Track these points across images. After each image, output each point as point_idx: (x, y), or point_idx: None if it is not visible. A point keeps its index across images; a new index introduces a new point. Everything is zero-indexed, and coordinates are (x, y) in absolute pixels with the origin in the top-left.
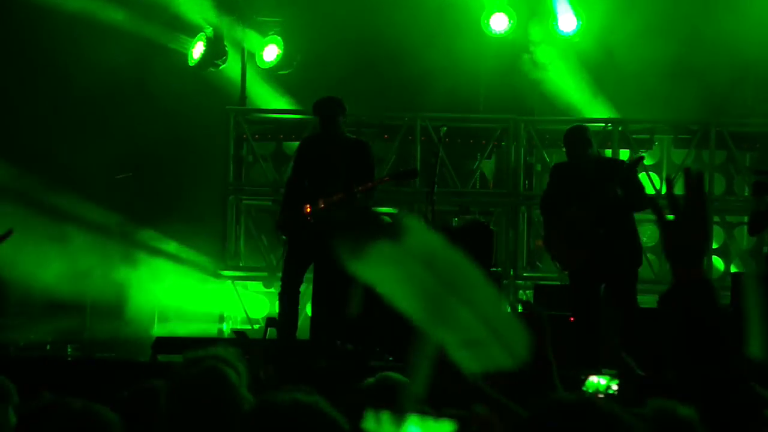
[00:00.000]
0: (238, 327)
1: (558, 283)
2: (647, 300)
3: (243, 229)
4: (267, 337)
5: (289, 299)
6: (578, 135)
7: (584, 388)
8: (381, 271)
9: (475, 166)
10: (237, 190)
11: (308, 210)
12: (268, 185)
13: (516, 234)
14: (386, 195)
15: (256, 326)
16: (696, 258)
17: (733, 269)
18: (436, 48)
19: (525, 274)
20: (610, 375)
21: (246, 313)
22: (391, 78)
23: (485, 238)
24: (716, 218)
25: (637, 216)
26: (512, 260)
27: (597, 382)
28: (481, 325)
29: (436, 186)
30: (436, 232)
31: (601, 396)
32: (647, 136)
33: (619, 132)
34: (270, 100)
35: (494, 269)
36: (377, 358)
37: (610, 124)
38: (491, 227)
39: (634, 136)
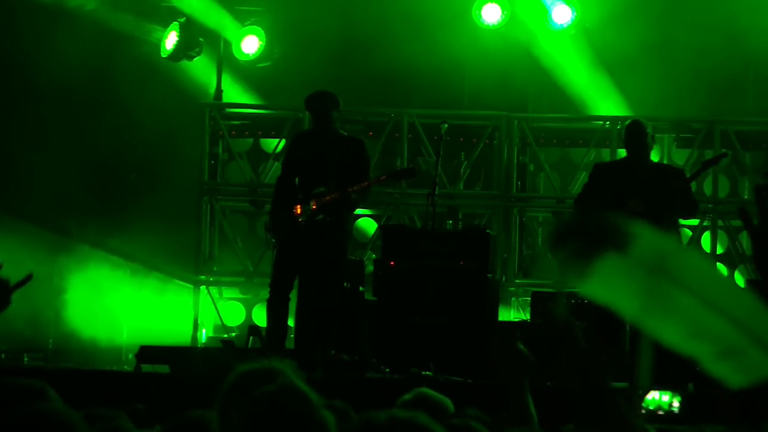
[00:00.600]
0: (211, 335)
1: (554, 290)
2: None
3: (218, 232)
4: (249, 346)
5: (278, 306)
6: (642, 136)
7: (644, 405)
8: (612, 284)
9: (463, 166)
10: (212, 190)
11: (299, 211)
12: (244, 185)
13: (508, 238)
14: (376, 196)
15: (232, 334)
16: None
17: (737, 276)
18: (423, 41)
19: (517, 281)
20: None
21: (221, 321)
22: (375, 72)
23: (483, 243)
24: (720, 222)
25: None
26: (504, 266)
27: (659, 398)
28: (740, 332)
29: (437, 187)
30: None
31: (662, 413)
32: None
33: (617, 130)
34: (247, 94)
35: (491, 275)
36: (374, 369)
37: (608, 122)
38: (488, 231)
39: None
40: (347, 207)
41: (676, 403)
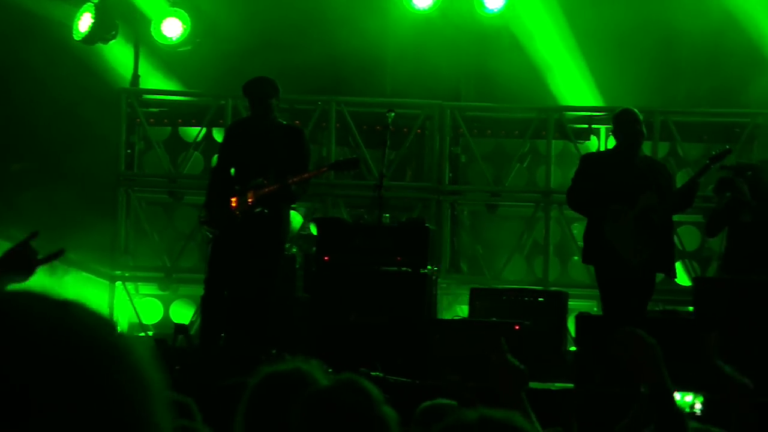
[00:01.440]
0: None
1: (496, 286)
2: None
3: (134, 225)
4: (177, 344)
5: (213, 303)
6: (637, 125)
7: None
8: None
9: (392, 157)
10: (128, 180)
11: (235, 204)
12: (163, 176)
13: (439, 232)
14: (313, 188)
15: (150, 333)
16: None
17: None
18: (351, 28)
19: (456, 276)
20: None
21: (138, 318)
22: (301, 59)
23: (421, 238)
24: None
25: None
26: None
27: (681, 399)
28: None
29: (385, 178)
30: None
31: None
32: (585, 126)
33: (555, 121)
34: (166, 80)
35: (429, 269)
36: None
37: (542, 113)
38: (427, 225)
39: (570, 126)
40: (287, 199)
41: (698, 405)
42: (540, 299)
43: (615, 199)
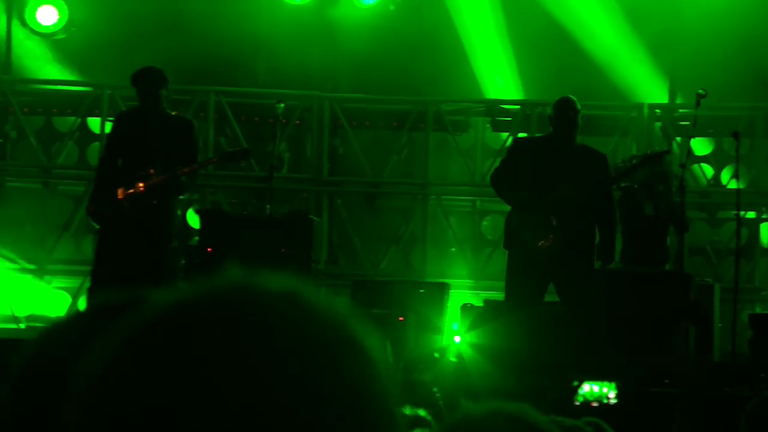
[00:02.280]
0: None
1: (378, 279)
2: None
3: (7, 215)
4: None
5: (100, 295)
6: (572, 113)
7: (577, 397)
8: None
9: (270, 148)
10: (1, 170)
11: (122, 195)
12: (36, 166)
13: (318, 224)
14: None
15: (22, 325)
16: None
17: None
18: (224, 15)
19: (335, 268)
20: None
21: (12, 311)
22: (174, 50)
23: (305, 229)
24: None
25: None
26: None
27: (590, 390)
28: None
29: (275, 171)
30: None
31: (596, 405)
32: (462, 118)
33: (433, 113)
34: (41, 69)
35: (314, 263)
36: None
37: (420, 105)
38: (311, 217)
39: (448, 118)
40: (176, 190)
41: (611, 394)
42: (421, 290)
43: (539, 186)
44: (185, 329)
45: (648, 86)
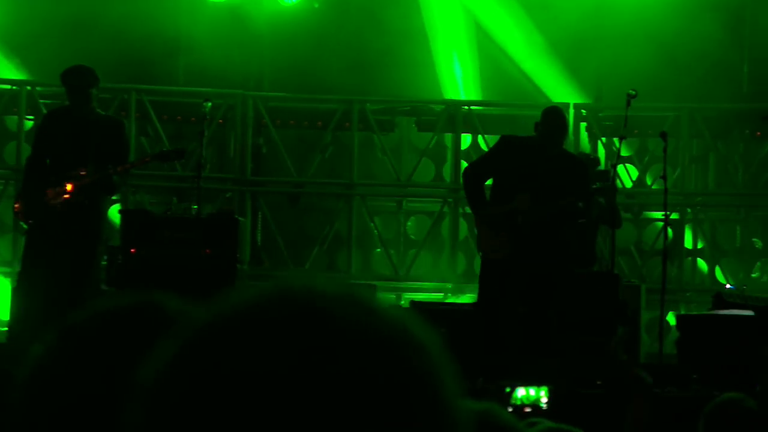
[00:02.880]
0: None
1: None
2: None
3: None
4: None
5: (27, 297)
6: (561, 121)
7: (512, 401)
8: None
9: (191, 148)
10: None
11: (51, 195)
12: None
13: (244, 225)
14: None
15: None
16: None
17: None
18: (143, 14)
19: (259, 269)
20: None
21: None
22: (94, 46)
23: (231, 230)
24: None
25: None
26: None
27: (526, 394)
28: None
29: (206, 170)
30: None
31: (529, 409)
32: (388, 117)
33: (358, 112)
34: None
35: (239, 264)
36: None
37: (345, 104)
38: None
39: (374, 117)
40: (107, 190)
41: (543, 398)
42: None
43: (516, 187)
44: (250, 329)
45: (573, 87)
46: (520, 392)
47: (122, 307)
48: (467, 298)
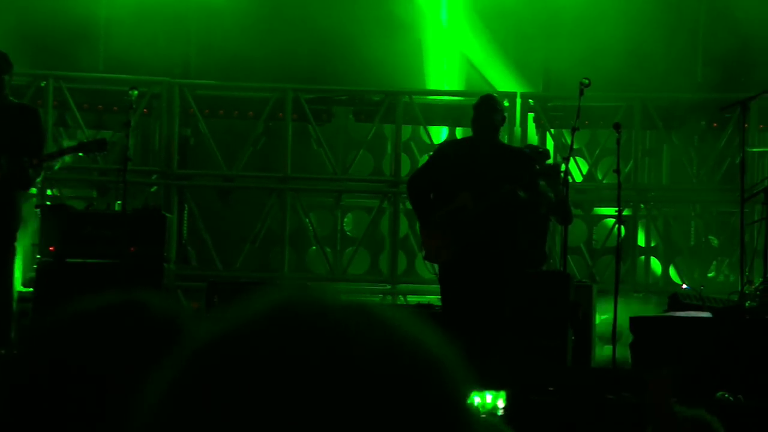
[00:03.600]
0: None
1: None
2: None
3: None
4: None
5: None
6: (495, 115)
7: None
8: None
9: (114, 139)
10: None
11: None
12: None
13: (171, 221)
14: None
15: None
16: None
17: None
18: None
19: (187, 268)
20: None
21: None
22: (7, 30)
23: (158, 226)
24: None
25: None
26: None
27: (481, 401)
28: None
29: (130, 163)
30: None
31: (485, 415)
32: (324, 107)
33: (292, 101)
34: None
35: (166, 263)
36: None
37: (278, 92)
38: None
39: (310, 107)
40: (22, 184)
41: (500, 404)
42: None
43: (449, 197)
44: (257, 342)
45: (520, 76)
46: (476, 399)
47: (105, 307)
48: (409, 299)
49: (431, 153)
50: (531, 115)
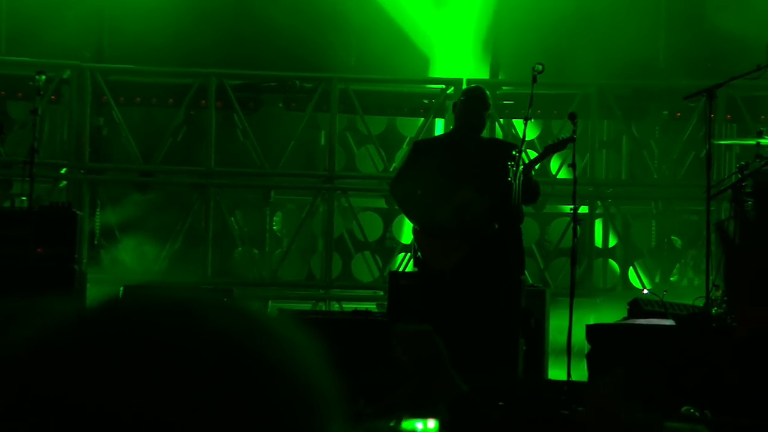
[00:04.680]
0: None
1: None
2: None
3: None
4: None
5: None
6: (479, 106)
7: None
8: None
9: (19, 126)
10: None
11: None
12: None
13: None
14: None
15: None
16: None
17: None
18: None
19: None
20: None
21: None
22: None
23: (68, 225)
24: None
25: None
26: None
27: (416, 425)
28: None
29: (37, 155)
30: None
31: None
32: (251, 94)
33: (217, 87)
34: None
35: (76, 265)
36: None
37: (200, 78)
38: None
39: (237, 94)
40: None
41: (431, 425)
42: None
43: (445, 195)
44: (81, 346)
45: (466, 61)
46: (407, 424)
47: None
48: (345, 306)
49: (407, 151)
50: None
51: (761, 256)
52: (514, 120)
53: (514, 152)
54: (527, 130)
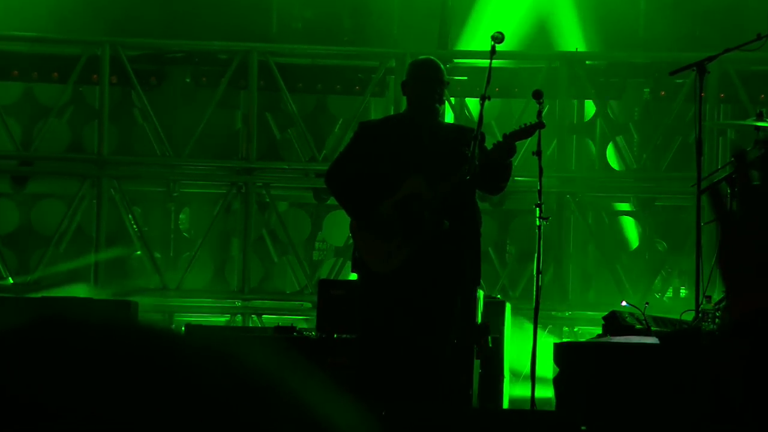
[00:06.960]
0: None
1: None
2: None
3: None
4: None
5: None
6: (438, 86)
7: None
8: None
9: None
10: None
11: None
12: None
13: None
14: None
15: None
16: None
17: None
18: None
19: None
20: None
21: None
22: None
23: None
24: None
25: None
26: None
27: None
28: None
29: None
30: None
31: None
32: (153, 67)
33: (109, 59)
34: None
35: None
36: None
37: (92, 47)
38: None
39: (135, 66)
40: None
41: None
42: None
43: (392, 184)
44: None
45: (411, 31)
46: None
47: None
48: (265, 319)
49: (351, 135)
50: None
51: (765, 226)
52: (467, 99)
53: (471, 139)
54: (483, 111)
